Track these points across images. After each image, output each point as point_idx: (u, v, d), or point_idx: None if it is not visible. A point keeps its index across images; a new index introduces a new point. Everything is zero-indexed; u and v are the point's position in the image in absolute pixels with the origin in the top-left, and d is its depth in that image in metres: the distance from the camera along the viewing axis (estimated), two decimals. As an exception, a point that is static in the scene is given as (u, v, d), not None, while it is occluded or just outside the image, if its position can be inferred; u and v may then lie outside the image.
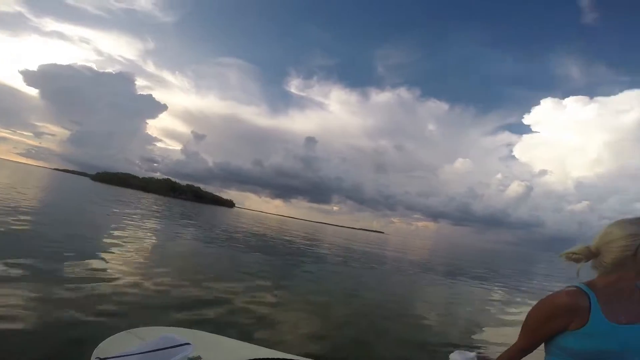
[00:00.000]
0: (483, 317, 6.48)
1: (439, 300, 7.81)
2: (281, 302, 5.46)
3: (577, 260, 1.07)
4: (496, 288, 10.81)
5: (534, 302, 1.08)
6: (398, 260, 17.84)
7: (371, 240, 42.16)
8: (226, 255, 9.48)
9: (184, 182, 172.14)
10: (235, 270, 7.43)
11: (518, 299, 9.05)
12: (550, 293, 1.06)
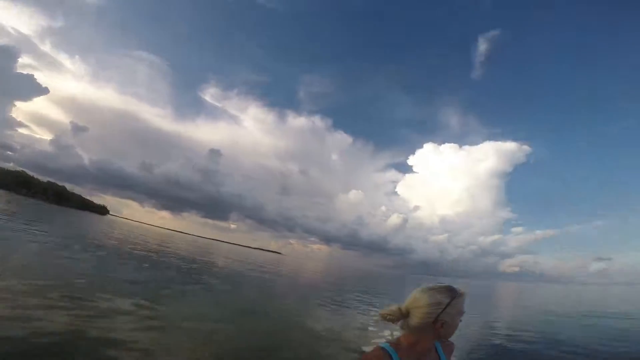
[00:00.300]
0: (356, 335, 6.73)
1: (320, 322, 7.83)
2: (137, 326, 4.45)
3: (392, 321, 1.15)
4: (369, 307, 11.64)
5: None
6: (290, 280, 17.74)
7: (267, 260, 41.23)
8: (72, 273, 7.42)
9: (45, 179, 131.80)
10: (88, 289, 5.83)
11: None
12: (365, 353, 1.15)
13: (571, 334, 9.22)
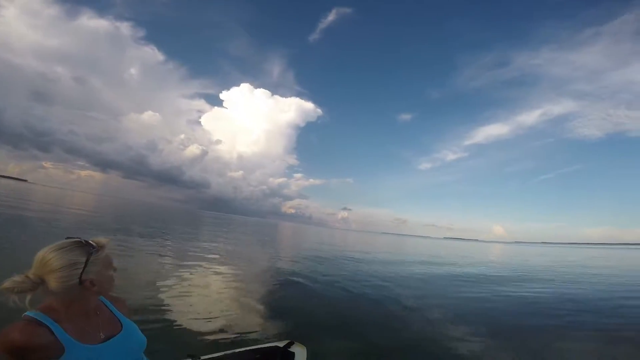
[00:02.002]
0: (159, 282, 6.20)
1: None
2: None
3: (24, 292, 0.95)
4: (169, 252, 10.94)
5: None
6: (45, 217, 13.23)
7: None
8: None
9: None
10: None
11: (188, 262, 9.67)
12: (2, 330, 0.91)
13: (330, 267, 12.62)
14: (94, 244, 1.07)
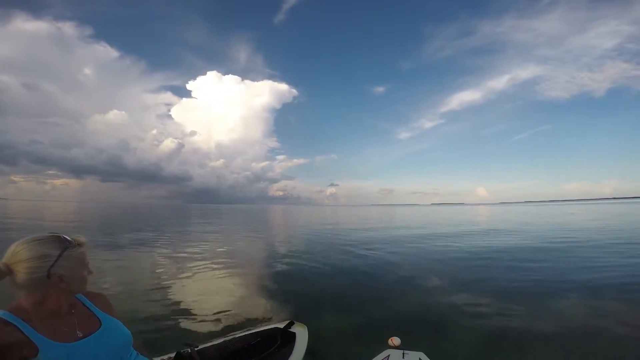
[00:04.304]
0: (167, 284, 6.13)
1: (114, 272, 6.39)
2: None
3: None
4: (162, 248, 10.79)
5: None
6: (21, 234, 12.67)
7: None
8: None
9: None
10: None
11: (186, 256, 9.59)
12: None
13: (323, 245, 12.76)
14: (71, 240, 1.07)
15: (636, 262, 7.18)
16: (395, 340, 2.33)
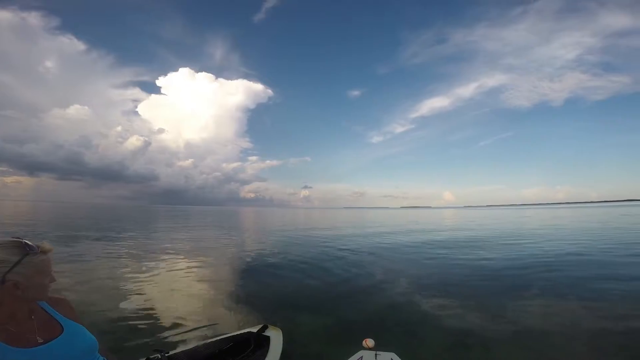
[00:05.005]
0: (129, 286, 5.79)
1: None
2: None
3: None
4: (126, 251, 10.21)
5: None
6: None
7: None
8: None
9: None
10: None
11: (151, 259, 9.14)
12: None
13: (296, 247, 12.68)
14: (35, 246, 1.04)
15: (587, 259, 7.84)
16: (369, 342, 2.37)
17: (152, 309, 4.30)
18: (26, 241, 1.04)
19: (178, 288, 5.46)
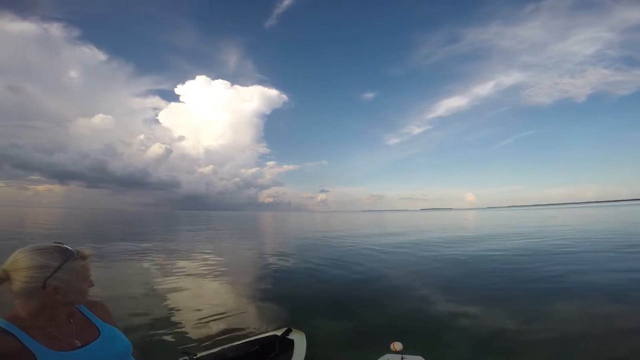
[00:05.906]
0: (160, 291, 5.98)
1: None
2: None
3: None
4: (154, 256, 10.56)
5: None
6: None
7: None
8: None
9: None
10: None
11: (174, 265, 9.40)
12: None
13: (316, 251, 12.68)
14: (75, 252, 1.05)
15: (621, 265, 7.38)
16: (396, 345, 2.32)
17: (179, 311, 4.42)
18: (66, 246, 1.06)
19: (204, 291, 5.59)
